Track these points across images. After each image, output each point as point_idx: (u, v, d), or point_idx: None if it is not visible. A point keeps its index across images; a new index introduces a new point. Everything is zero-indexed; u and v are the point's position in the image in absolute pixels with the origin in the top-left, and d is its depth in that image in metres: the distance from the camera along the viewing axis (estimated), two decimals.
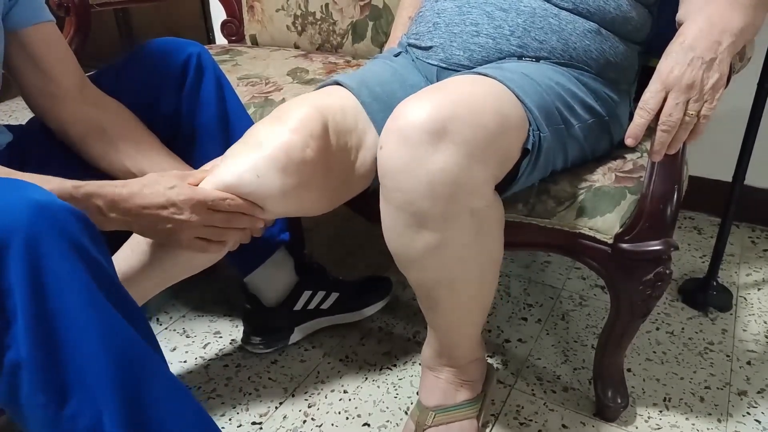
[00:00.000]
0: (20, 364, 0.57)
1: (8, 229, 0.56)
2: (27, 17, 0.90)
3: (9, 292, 0.56)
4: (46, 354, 0.57)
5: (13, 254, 0.56)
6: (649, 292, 0.91)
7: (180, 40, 1.04)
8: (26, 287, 0.56)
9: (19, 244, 0.56)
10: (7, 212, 0.56)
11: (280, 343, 1.22)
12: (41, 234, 0.57)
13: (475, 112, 0.75)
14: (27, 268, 0.56)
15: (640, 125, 0.77)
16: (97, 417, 0.58)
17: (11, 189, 0.59)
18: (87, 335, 0.58)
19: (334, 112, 0.89)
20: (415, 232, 0.79)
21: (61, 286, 0.58)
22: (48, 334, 0.57)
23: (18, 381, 0.57)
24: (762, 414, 1.07)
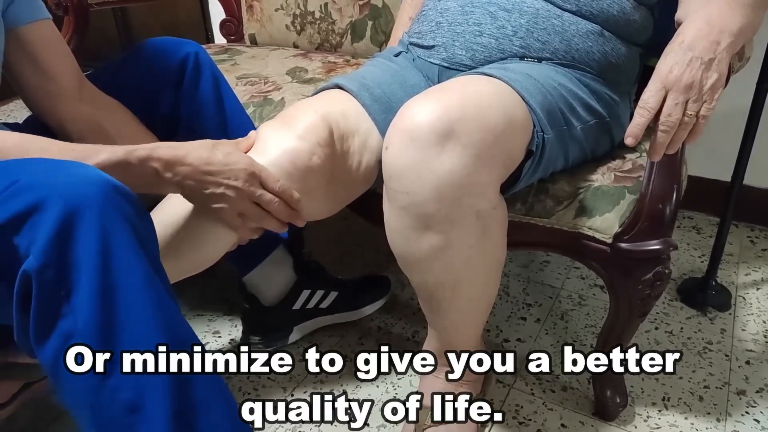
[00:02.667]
0: (74, 333, 0.58)
1: (86, 203, 0.58)
2: (25, 15, 0.89)
3: (77, 264, 0.58)
4: (102, 326, 0.59)
5: (86, 228, 0.58)
6: (648, 291, 0.91)
7: (177, 40, 1.04)
8: (96, 261, 0.58)
9: (93, 217, 0.58)
10: (82, 189, 0.59)
11: (279, 343, 1.22)
12: (110, 214, 0.59)
13: (482, 113, 0.75)
14: (98, 242, 0.58)
15: (639, 125, 0.77)
16: (140, 392, 0.60)
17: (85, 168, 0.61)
18: (143, 313, 0.61)
19: (337, 117, 0.89)
20: (420, 234, 0.78)
21: (125, 263, 0.60)
22: (108, 308, 0.59)
23: (68, 348, 0.59)
24: (761, 413, 1.07)
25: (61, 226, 0.57)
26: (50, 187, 0.58)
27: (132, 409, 0.59)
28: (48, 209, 0.57)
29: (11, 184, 0.58)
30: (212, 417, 0.63)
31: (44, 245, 0.57)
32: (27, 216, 0.57)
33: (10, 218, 0.57)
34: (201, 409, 0.63)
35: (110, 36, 2.71)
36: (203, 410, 0.63)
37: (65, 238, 0.57)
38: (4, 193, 0.58)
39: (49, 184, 0.58)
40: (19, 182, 0.58)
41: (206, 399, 0.63)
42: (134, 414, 0.59)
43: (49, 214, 0.57)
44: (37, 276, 0.57)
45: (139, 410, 0.59)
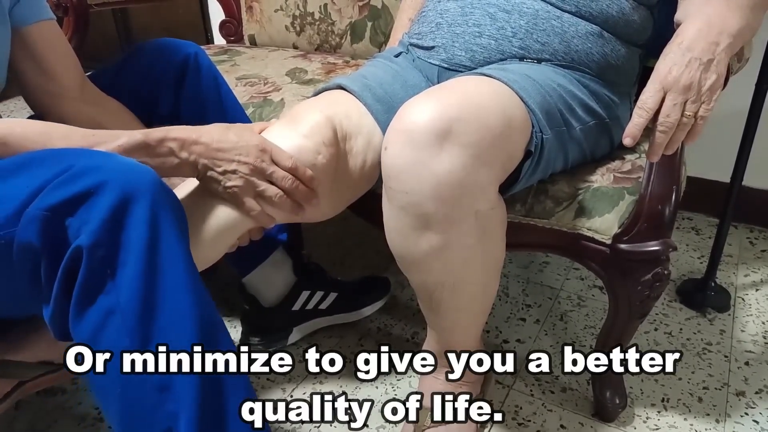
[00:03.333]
0: (115, 310, 0.61)
1: (140, 189, 0.62)
2: (29, 15, 0.90)
3: (127, 245, 0.61)
4: (144, 304, 0.61)
5: (139, 212, 0.62)
6: (648, 292, 0.91)
7: (177, 41, 1.04)
8: (145, 243, 0.62)
9: (146, 202, 0.62)
10: (136, 176, 0.63)
11: (278, 344, 1.22)
12: (162, 201, 0.63)
13: (480, 113, 0.75)
14: (149, 226, 0.62)
15: (638, 125, 0.77)
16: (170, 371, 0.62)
17: None
18: (182, 295, 0.64)
19: (340, 118, 0.89)
20: (419, 234, 0.78)
21: (170, 248, 0.63)
22: (150, 288, 0.62)
23: (106, 324, 0.61)
24: (760, 414, 1.07)
25: (117, 209, 0.60)
26: (108, 173, 0.61)
27: (162, 387, 0.62)
28: (106, 192, 0.60)
29: (66, 169, 0.61)
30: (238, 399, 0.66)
31: (99, 224, 0.60)
32: (84, 198, 0.60)
33: (66, 199, 0.60)
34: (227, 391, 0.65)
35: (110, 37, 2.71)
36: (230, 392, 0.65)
37: (118, 221, 0.61)
38: (60, 176, 0.61)
39: (106, 170, 0.61)
40: (75, 167, 0.61)
41: (233, 383, 0.66)
42: (164, 392, 0.62)
43: (107, 197, 0.60)
44: (89, 252, 0.60)
45: (168, 389, 0.62)
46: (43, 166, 0.63)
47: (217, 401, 0.64)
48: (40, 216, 0.60)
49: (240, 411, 0.65)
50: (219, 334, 0.67)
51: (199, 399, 0.62)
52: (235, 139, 0.81)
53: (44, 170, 0.62)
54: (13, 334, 0.82)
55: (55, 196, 0.60)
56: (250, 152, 0.81)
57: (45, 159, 0.64)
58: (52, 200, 0.60)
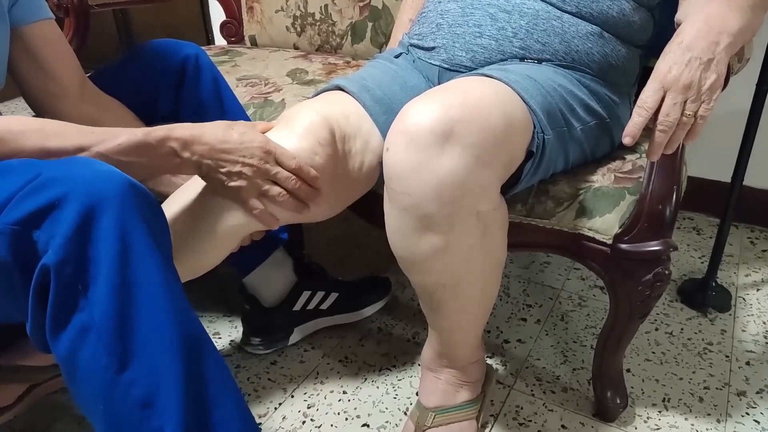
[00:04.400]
0: (90, 327, 0.59)
1: (106, 199, 0.59)
2: (28, 14, 0.90)
3: (96, 259, 0.59)
4: (118, 321, 0.59)
5: (106, 224, 0.59)
6: (648, 292, 0.91)
7: (177, 42, 1.05)
8: (115, 256, 0.59)
9: (112, 217, 0.59)
10: (103, 186, 0.60)
11: (279, 344, 1.22)
12: (129, 211, 0.60)
13: (482, 114, 0.75)
14: (117, 238, 0.59)
15: (638, 124, 0.77)
16: (154, 387, 0.60)
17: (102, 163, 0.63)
18: (159, 309, 0.61)
19: (338, 118, 0.89)
20: (421, 235, 0.78)
21: (143, 259, 0.61)
22: (124, 303, 0.60)
23: (83, 343, 0.60)
24: (761, 414, 1.07)
25: (82, 222, 0.58)
26: (71, 183, 0.59)
27: (145, 404, 0.60)
28: (69, 205, 0.58)
29: (33, 177, 0.60)
30: (224, 412, 0.64)
31: (64, 240, 0.58)
32: (48, 211, 0.58)
33: (31, 213, 0.58)
34: (214, 404, 0.64)
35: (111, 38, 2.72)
36: (215, 405, 0.64)
37: (85, 234, 0.59)
38: (25, 187, 0.59)
39: (70, 180, 0.59)
40: (41, 176, 0.60)
41: (218, 394, 0.64)
42: (147, 409, 0.60)
43: (69, 209, 0.58)
44: (56, 270, 0.58)
45: (151, 405, 0.60)
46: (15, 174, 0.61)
47: (204, 414, 0.63)
48: (7, 231, 0.58)
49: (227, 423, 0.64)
50: (202, 345, 0.65)
51: (183, 414, 0.61)
52: (239, 140, 0.80)
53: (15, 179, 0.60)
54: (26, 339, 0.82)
55: (20, 210, 0.58)
56: (254, 153, 0.80)
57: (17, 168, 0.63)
58: (18, 214, 0.58)
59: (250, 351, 1.22)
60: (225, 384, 0.66)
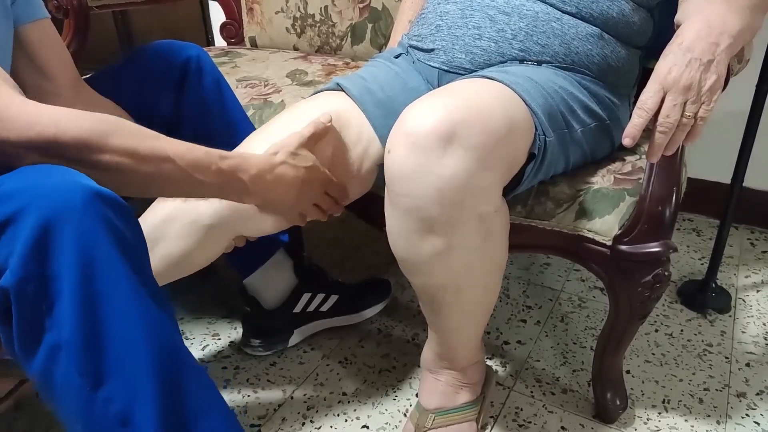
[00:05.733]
0: (60, 346, 0.57)
1: (61, 214, 0.56)
2: (25, 13, 0.89)
3: (57, 276, 0.56)
4: (88, 338, 0.57)
5: (65, 240, 0.56)
6: (648, 293, 0.91)
7: (179, 43, 1.05)
8: (76, 273, 0.57)
9: (72, 230, 0.56)
10: (61, 198, 0.57)
11: (279, 346, 1.22)
12: (91, 222, 0.57)
13: (484, 116, 0.75)
14: (78, 254, 0.57)
15: (637, 125, 0.77)
16: (130, 404, 0.59)
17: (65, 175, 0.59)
18: (130, 323, 0.59)
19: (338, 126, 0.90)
20: (422, 238, 0.78)
21: (107, 273, 0.58)
22: (92, 319, 0.58)
23: (55, 362, 0.58)
24: (761, 416, 1.07)
25: (39, 237, 0.55)
26: (28, 196, 0.56)
27: (123, 421, 0.59)
28: (25, 219, 0.55)
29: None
30: (206, 424, 0.63)
31: (22, 258, 0.55)
32: (4, 227, 0.56)
33: None
34: (193, 418, 0.62)
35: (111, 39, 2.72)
36: (195, 419, 0.62)
37: (44, 249, 0.56)
38: None
39: (26, 192, 0.56)
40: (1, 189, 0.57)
41: (198, 408, 0.62)
42: (125, 426, 0.59)
43: (26, 224, 0.55)
44: (15, 291, 0.55)
45: (129, 422, 0.59)
46: None
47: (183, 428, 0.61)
48: None
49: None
50: (179, 356, 0.63)
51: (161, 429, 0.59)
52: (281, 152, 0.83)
53: None
54: None
55: None
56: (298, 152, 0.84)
57: None
58: None
59: (249, 352, 1.22)
60: (205, 395, 0.64)
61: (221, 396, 0.67)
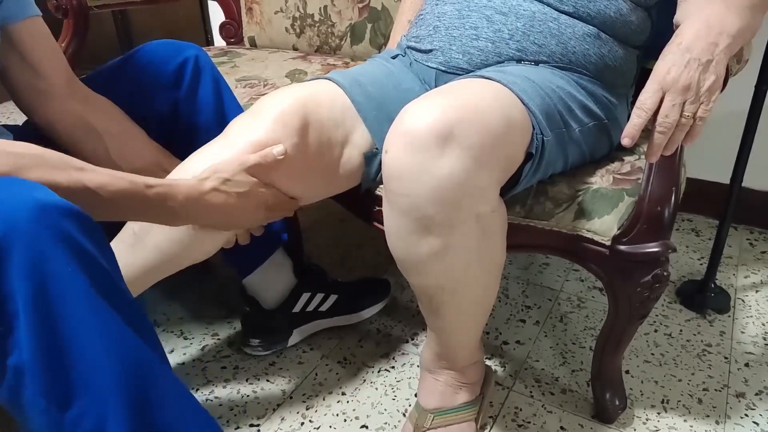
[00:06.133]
0: (23, 369, 0.56)
1: (9, 231, 0.54)
2: (15, 12, 0.89)
3: (10, 296, 0.55)
4: (48, 358, 0.56)
5: (15, 258, 0.54)
6: (647, 293, 0.91)
7: (178, 42, 1.05)
8: (28, 291, 0.55)
9: (21, 247, 0.54)
10: (8, 214, 0.54)
11: (278, 345, 1.22)
12: (43, 237, 0.55)
13: (481, 116, 0.75)
14: (29, 272, 0.55)
15: (636, 125, 0.77)
16: (100, 422, 0.58)
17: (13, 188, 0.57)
18: (90, 340, 0.57)
19: (318, 104, 0.90)
20: (420, 237, 0.78)
21: (63, 290, 0.56)
22: (51, 339, 0.56)
23: (21, 385, 0.56)
24: (760, 416, 1.07)
25: None
26: None
27: None
28: None
29: None
30: None
31: None
32: None
33: None
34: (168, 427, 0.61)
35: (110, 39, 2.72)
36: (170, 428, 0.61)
37: None
38: None
39: None
40: None
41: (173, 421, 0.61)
42: None
43: None
44: None
45: None
46: None
47: None
48: None
49: None
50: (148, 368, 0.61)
51: None
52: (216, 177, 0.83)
53: None
54: None
55: None
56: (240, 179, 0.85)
57: None
58: None
59: (249, 352, 1.22)
60: (180, 406, 0.63)
61: (200, 407, 0.66)
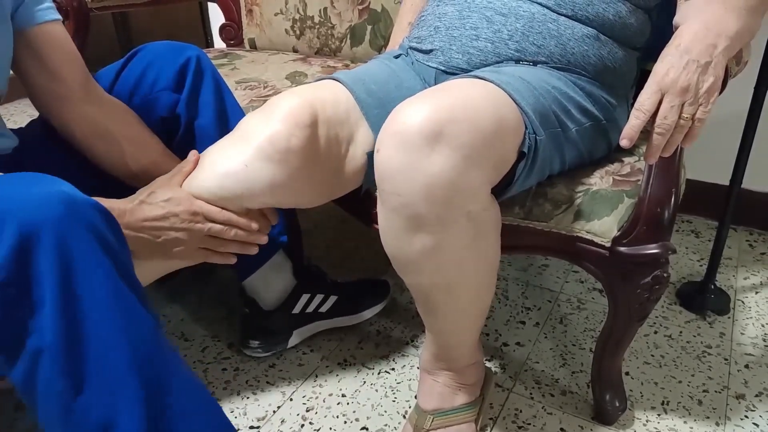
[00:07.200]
0: (42, 350, 0.58)
1: (41, 220, 0.58)
2: (34, 17, 0.90)
3: (38, 280, 0.57)
4: (69, 341, 0.58)
5: (44, 245, 0.57)
6: (647, 295, 0.91)
7: (178, 44, 1.05)
8: (56, 276, 0.58)
9: (51, 235, 0.58)
10: (41, 204, 0.58)
11: (278, 347, 1.22)
12: (71, 226, 0.59)
13: (471, 115, 0.75)
14: (57, 258, 0.58)
15: (635, 126, 0.78)
16: (112, 409, 0.59)
17: (43, 182, 0.61)
18: (111, 326, 0.60)
19: (324, 103, 0.91)
20: (412, 235, 0.79)
21: (88, 276, 0.59)
22: (73, 323, 0.58)
23: (38, 366, 0.58)
24: (760, 417, 1.07)
25: (19, 242, 0.56)
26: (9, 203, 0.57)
27: (105, 426, 0.59)
28: (5, 226, 0.56)
29: None
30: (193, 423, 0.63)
31: (3, 262, 0.56)
32: None
33: None
34: (178, 421, 0.62)
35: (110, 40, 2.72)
36: (180, 421, 0.62)
37: (24, 254, 0.57)
38: None
39: (7, 200, 0.58)
40: None
41: (184, 409, 0.62)
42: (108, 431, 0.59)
43: (5, 230, 0.56)
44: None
45: (111, 426, 0.59)
46: None
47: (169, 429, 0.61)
48: None
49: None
50: (164, 358, 0.63)
51: None
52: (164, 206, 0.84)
53: None
54: None
55: None
56: (184, 218, 0.85)
57: None
58: None
59: (248, 354, 1.22)
60: (192, 396, 0.64)
61: (211, 397, 0.67)
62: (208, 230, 0.87)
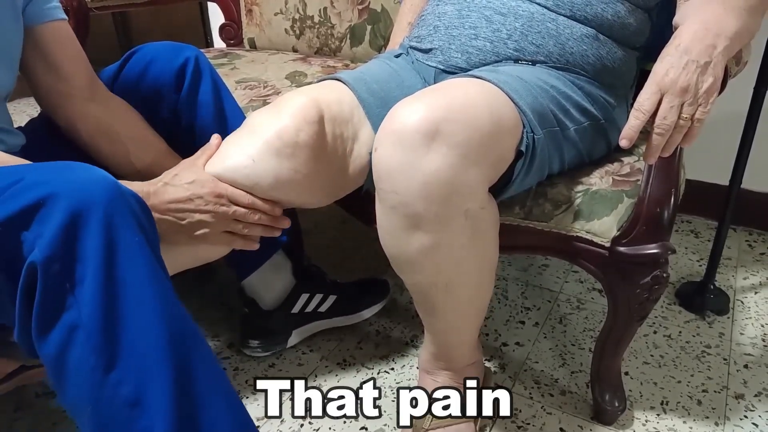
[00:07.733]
0: (78, 326, 0.59)
1: (91, 201, 0.60)
2: (40, 15, 0.90)
3: (82, 259, 0.59)
4: (106, 319, 0.60)
5: (92, 225, 0.60)
6: (647, 295, 0.91)
7: (177, 44, 1.05)
8: (100, 256, 0.60)
9: (99, 216, 0.60)
10: (91, 187, 0.61)
11: (277, 347, 1.22)
12: (118, 210, 0.62)
13: (468, 113, 0.76)
14: (104, 237, 0.60)
15: (634, 126, 0.78)
16: (141, 386, 0.60)
17: (89, 168, 0.64)
18: (147, 307, 0.62)
19: (329, 102, 0.91)
20: (410, 234, 0.79)
21: (130, 258, 0.62)
22: (112, 301, 0.60)
23: (71, 341, 0.60)
24: (759, 417, 1.07)
25: (69, 221, 0.59)
26: (57, 184, 0.60)
27: (133, 403, 0.60)
28: (55, 204, 0.59)
29: (16, 182, 0.60)
30: (214, 411, 0.64)
31: (51, 238, 0.58)
32: (34, 211, 0.59)
33: (17, 212, 0.58)
34: (203, 403, 0.63)
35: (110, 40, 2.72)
36: (205, 404, 0.63)
37: (72, 232, 0.59)
38: (8, 190, 0.60)
39: (55, 182, 0.60)
40: (24, 180, 0.60)
41: (208, 393, 0.64)
42: (135, 408, 0.60)
43: (56, 208, 0.59)
44: (43, 267, 0.58)
45: (139, 404, 0.60)
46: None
47: (193, 412, 0.62)
48: None
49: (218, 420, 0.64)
50: (191, 342, 0.65)
51: (172, 412, 0.60)
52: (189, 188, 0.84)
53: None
54: None
55: (5, 209, 0.58)
56: (208, 200, 0.85)
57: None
58: (3, 214, 0.58)
59: (248, 353, 1.22)
60: (216, 381, 0.66)
61: (230, 383, 0.68)
62: (233, 213, 0.87)
